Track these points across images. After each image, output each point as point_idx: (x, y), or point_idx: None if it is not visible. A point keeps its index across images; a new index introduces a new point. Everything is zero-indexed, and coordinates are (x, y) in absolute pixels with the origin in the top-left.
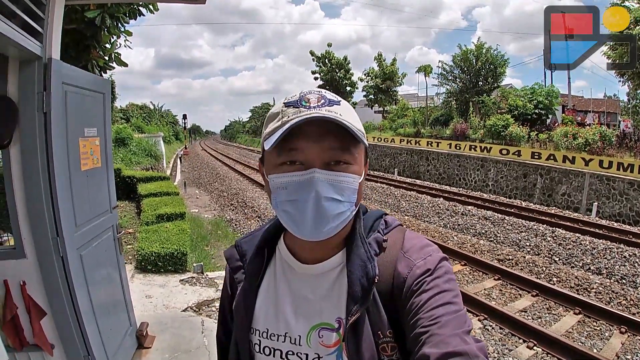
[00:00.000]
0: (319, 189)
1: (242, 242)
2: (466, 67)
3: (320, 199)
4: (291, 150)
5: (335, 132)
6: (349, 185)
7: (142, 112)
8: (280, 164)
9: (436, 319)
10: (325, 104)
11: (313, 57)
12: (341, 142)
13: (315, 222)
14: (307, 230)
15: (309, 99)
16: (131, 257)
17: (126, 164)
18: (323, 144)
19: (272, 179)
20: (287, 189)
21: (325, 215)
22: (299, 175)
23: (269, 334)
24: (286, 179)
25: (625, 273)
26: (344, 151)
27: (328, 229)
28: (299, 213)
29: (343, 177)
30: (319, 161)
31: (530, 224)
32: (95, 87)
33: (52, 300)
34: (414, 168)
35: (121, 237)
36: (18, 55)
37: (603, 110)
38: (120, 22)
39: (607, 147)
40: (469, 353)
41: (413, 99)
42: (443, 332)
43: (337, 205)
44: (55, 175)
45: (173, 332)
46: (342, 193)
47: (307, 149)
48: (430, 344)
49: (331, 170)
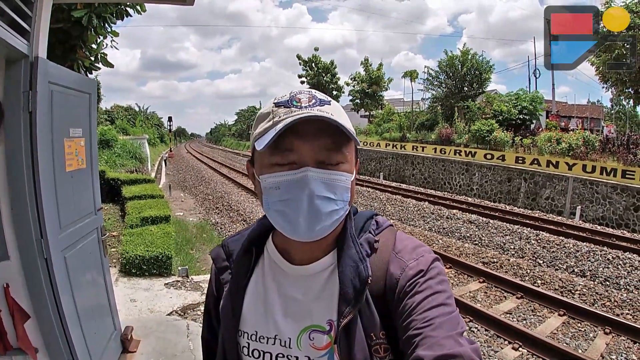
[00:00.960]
0: (313, 187)
1: (229, 242)
2: (452, 73)
3: (314, 197)
4: (284, 150)
5: (328, 132)
6: (342, 183)
7: (127, 113)
8: (273, 164)
9: (430, 321)
10: (316, 103)
11: (300, 61)
12: (334, 141)
13: (309, 221)
14: (301, 229)
15: (299, 98)
16: (115, 260)
17: (110, 166)
18: (316, 143)
19: (264, 179)
20: (280, 189)
21: (318, 213)
22: (292, 174)
23: (258, 337)
24: (279, 178)
25: (608, 275)
26: (337, 150)
27: (321, 228)
28: (292, 212)
29: (336, 175)
30: (312, 160)
31: (515, 228)
32: (82, 87)
33: (36, 303)
34: (400, 172)
35: (106, 240)
36: (4, 53)
37: (587, 116)
38: (107, 22)
39: (591, 151)
40: (463, 355)
41: (399, 103)
42: (437, 334)
43: (330, 203)
44: (40, 176)
45: (158, 336)
46: (334, 191)
47: (301, 149)
48: (424, 346)
49: (324, 168)
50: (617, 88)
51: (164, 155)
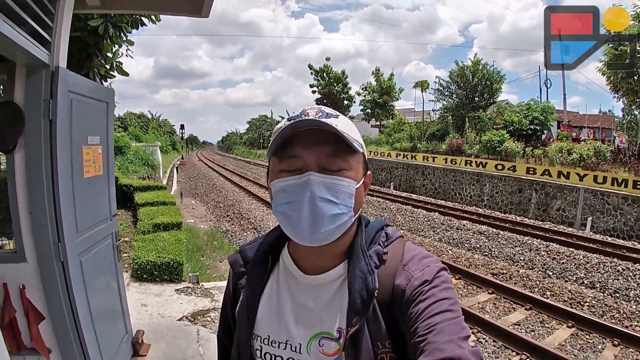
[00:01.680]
0: (314, 189)
1: (246, 248)
2: (463, 83)
3: (315, 199)
4: (290, 157)
5: (331, 140)
6: (344, 188)
7: (139, 121)
8: (281, 170)
9: (433, 327)
10: (322, 116)
11: (311, 71)
12: (336, 149)
13: (311, 222)
14: (303, 231)
15: (308, 113)
16: (127, 265)
17: (123, 173)
18: (318, 150)
19: (273, 185)
20: (286, 192)
21: (320, 215)
22: (297, 179)
23: (270, 341)
24: (285, 182)
25: (618, 287)
26: (339, 158)
27: (325, 232)
28: (295, 213)
29: (338, 180)
30: (315, 166)
31: (525, 239)
32: (100, 96)
33: (51, 305)
34: (410, 182)
35: (120, 245)
36: (26, 62)
37: (598, 126)
38: (122, 31)
39: (602, 162)
40: (461, 358)
41: (410, 113)
42: (438, 339)
43: (332, 206)
44: (59, 182)
45: (168, 340)
46: (337, 195)
47: (305, 155)
48: (426, 351)
49: (327, 174)
50: (628, 98)
51: (176, 163)
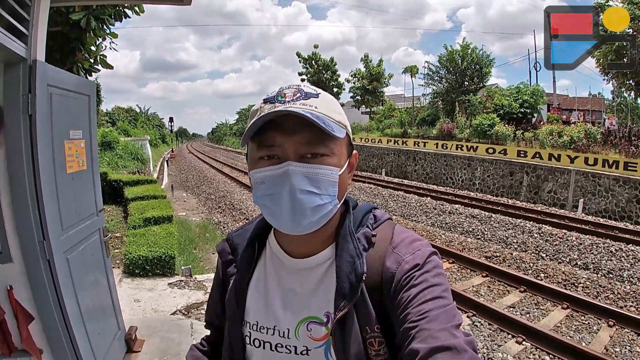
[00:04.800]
0: (294, 182)
1: (233, 236)
2: (452, 68)
3: (295, 192)
4: (268, 145)
5: (310, 125)
6: (326, 177)
7: (128, 115)
8: (259, 158)
9: (425, 314)
10: (300, 97)
11: (300, 59)
12: (316, 135)
13: (293, 215)
14: (286, 224)
15: (285, 93)
16: (119, 261)
17: (112, 168)
18: (296, 137)
19: (252, 174)
20: (265, 184)
21: (302, 208)
22: (274, 169)
23: (258, 327)
24: (263, 173)
25: (612, 267)
26: (319, 144)
27: (308, 223)
28: (276, 207)
29: (319, 169)
30: (293, 154)
31: (517, 221)
32: (81, 89)
33: (40, 305)
34: (402, 168)
35: (108, 241)
36: (2, 57)
37: (588, 109)
38: (105, 24)
39: (592, 144)
40: (457, 347)
41: (400, 99)
42: (432, 327)
43: (313, 197)
44: (41, 178)
45: (162, 335)
46: (318, 186)
47: (283, 143)
48: (419, 338)
49: (306, 162)
50: (617, 80)
51: (166, 156)
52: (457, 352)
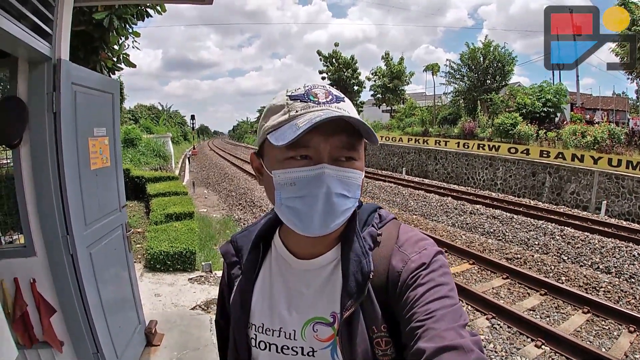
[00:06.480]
0: (330, 185)
1: (237, 238)
2: (474, 66)
3: (331, 195)
4: (301, 146)
5: (345, 129)
6: (355, 181)
7: (150, 113)
8: (287, 158)
9: (431, 313)
10: (333, 100)
11: (320, 57)
12: (350, 139)
13: (324, 217)
14: (313, 226)
15: (316, 93)
16: (140, 256)
17: (135, 165)
18: (333, 140)
19: (277, 175)
20: (296, 185)
21: (334, 211)
22: (309, 171)
23: (264, 329)
24: (295, 174)
25: (634, 272)
26: (351, 148)
27: (334, 225)
28: (307, 209)
29: (350, 173)
30: (327, 157)
31: (539, 223)
32: (104, 87)
33: (62, 298)
34: (422, 167)
35: (130, 236)
36: (28, 56)
37: (612, 108)
38: (128, 23)
39: (616, 145)
40: (464, 347)
41: (421, 97)
42: (438, 326)
43: (345, 201)
44: (65, 174)
45: (182, 330)
46: (349, 189)
47: (318, 145)
48: (425, 338)
49: (339, 166)
50: None
51: (188, 153)
52: (464, 352)
